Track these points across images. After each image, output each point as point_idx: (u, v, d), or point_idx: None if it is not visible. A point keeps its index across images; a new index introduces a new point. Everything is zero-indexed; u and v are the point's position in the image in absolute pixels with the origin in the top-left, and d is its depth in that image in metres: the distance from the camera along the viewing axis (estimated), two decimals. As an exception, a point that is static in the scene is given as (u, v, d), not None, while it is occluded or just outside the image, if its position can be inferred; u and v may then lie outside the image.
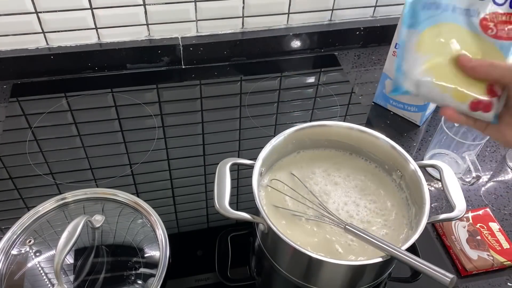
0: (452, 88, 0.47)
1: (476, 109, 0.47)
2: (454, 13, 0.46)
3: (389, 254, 0.54)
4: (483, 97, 0.47)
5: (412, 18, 0.47)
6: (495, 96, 0.47)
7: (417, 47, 0.47)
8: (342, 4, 1.04)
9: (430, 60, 0.47)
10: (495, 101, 0.47)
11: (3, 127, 0.87)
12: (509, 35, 0.45)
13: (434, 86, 0.48)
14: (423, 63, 0.47)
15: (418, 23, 0.47)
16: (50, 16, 0.90)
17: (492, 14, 0.44)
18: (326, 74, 1.04)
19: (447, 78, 0.47)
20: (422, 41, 0.47)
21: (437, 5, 0.46)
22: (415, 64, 0.48)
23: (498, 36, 0.45)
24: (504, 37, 0.45)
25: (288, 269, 0.62)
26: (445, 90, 0.47)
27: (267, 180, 0.69)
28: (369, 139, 0.70)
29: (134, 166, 0.81)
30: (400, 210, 0.66)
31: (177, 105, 0.95)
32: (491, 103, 0.47)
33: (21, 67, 0.95)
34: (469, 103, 0.47)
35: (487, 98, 0.47)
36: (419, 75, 0.48)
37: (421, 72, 0.48)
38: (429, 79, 0.47)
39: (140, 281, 0.60)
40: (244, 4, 0.98)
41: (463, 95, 0.47)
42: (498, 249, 0.69)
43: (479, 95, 0.47)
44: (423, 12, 0.47)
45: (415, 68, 0.48)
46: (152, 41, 0.99)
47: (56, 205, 0.68)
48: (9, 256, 0.62)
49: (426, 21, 0.47)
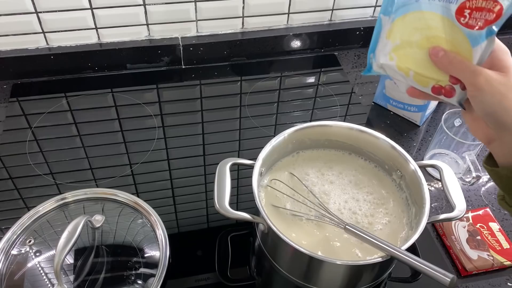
0: (414, 73, 0.49)
1: (438, 94, 0.49)
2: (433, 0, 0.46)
3: (389, 254, 0.54)
4: (445, 84, 0.48)
5: (388, 5, 0.49)
6: (458, 83, 0.48)
7: (388, 34, 0.50)
8: (342, 4, 1.04)
9: (396, 46, 0.50)
10: (457, 88, 0.48)
11: (3, 127, 0.87)
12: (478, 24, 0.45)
13: (397, 70, 0.50)
14: (390, 49, 0.50)
15: (393, 11, 0.49)
16: (50, 16, 0.90)
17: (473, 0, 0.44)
18: (326, 74, 1.04)
19: (409, 63, 0.49)
20: (393, 29, 0.49)
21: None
22: (383, 49, 0.51)
23: (469, 25, 0.45)
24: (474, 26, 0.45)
25: (288, 269, 0.62)
26: (408, 74, 0.50)
27: (267, 180, 0.69)
28: (369, 139, 0.70)
29: (134, 166, 0.81)
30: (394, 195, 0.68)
31: (177, 105, 0.95)
32: (453, 90, 0.48)
33: (21, 67, 0.95)
34: (431, 88, 0.49)
35: (449, 84, 0.48)
36: (384, 59, 0.51)
37: (386, 56, 0.51)
38: (392, 63, 0.50)
39: (140, 281, 0.60)
40: (244, 4, 0.98)
41: (424, 80, 0.49)
42: (498, 249, 0.69)
43: (441, 81, 0.48)
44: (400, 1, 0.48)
45: (382, 52, 0.51)
46: (152, 41, 0.99)
47: (56, 205, 0.68)
48: (9, 256, 0.62)
49: (401, 9, 0.48)
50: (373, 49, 0.52)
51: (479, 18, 0.44)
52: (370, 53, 0.52)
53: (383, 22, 0.50)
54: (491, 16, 0.44)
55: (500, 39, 0.48)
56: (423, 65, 0.49)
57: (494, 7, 0.43)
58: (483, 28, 0.45)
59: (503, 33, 1.13)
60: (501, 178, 0.47)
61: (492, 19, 0.44)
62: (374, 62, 0.52)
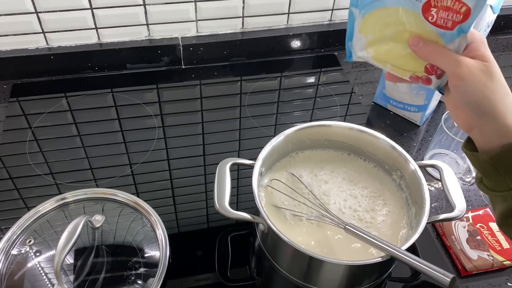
0: (390, 65, 0.51)
1: (416, 82, 0.50)
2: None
3: (389, 254, 0.54)
4: (420, 74, 0.49)
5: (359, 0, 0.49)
6: (433, 74, 0.48)
7: (360, 28, 0.50)
8: (342, 4, 1.04)
9: (370, 41, 0.50)
10: (433, 78, 0.49)
11: (3, 127, 0.87)
12: (446, 24, 0.44)
13: (374, 61, 0.52)
14: (364, 43, 0.51)
15: (363, 6, 0.49)
16: (50, 16, 0.90)
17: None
18: (326, 74, 1.04)
19: (385, 56, 0.51)
20: (364, 24, 0.50)
21: None
22: (358, 42, 0.52)
23: (437, 24, 0.45)
24: (442, 25, 0.45)
25: (288, 269, 0.62)
26: (385, 66, 0.51)
27: (267, 180, 0.69)
28: (369, 139, 0.70)
29: (134, 166, 0.81)
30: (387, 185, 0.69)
31: (177, 105, 0.95)
32: (429, 80, 0.49)
33: (21, 67, 0.95)
34: (408, 77, 0.51)
35: (425, 75, 0.49)
36: (361, 52, 0.52)
37: (363, 50, 0.52)
38: (369, 56, 0.52)
39: (140, 281, 0.60)
40: (244, 4, 0.98)
41: (401, 71, 0.51)
42: (498, 249, 0.69)
43: (417, 72, 0.49)
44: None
45: (357, 46, 0.52)
46: (152, 41, 0.99)
47: (56, 205, 0.68)
48: (9, 256, 0.62)
49: (371, 4, 0.48)
50: (350, 38, 0.52)
51: (446, 18, 0.44)
52: (348, 42, 0.53)
53: (354, 14, 0.50)
54: (458, 17, 0.44)
55: (500, 39, 0.48)
56: (398, 58, 0.50)
57: (461, 8, 0.43)
58: (452, 28, 0.45)
59: (503, 33, 1.13)
60: (480, 162, 0.47)
61: (460, 20, 0.44)
62: (352, 51, 0.53)
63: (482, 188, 0.49)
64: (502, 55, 1.11)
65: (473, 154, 0.48)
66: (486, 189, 0.49)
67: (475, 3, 0.42)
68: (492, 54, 0.47)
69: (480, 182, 0.50)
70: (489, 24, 0.86)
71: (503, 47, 1.13)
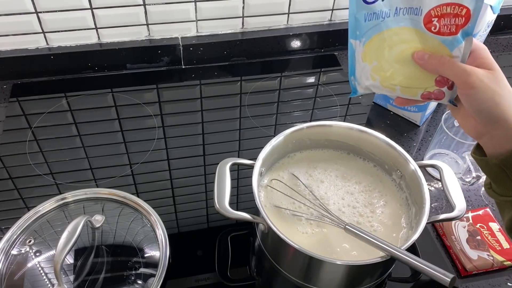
0: (400, 87, 0.50)
1: (429, 99, 0.50)
2: (397, 16, 0.46)
3: (389, 254, 0.54)
4: (432, 89, 0.49)
5: (356, 29, 0.49)
6: (445, 86, 0.48)
7: (363, 57, 0.50)
8: (342, 4, 1.04)
9: (375, 67, 0.50)
10: (445, 90, 0.49)
11: (3, 127, 0.87)
12: (450, 30, 0.45)
13: (382, 88, 0.51)
14: (369, 70, 0.50)
15: (362, 35, 0.49)
16: (50, 16, 0.90)
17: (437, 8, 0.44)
18: (326, 74, 1.04)
19: (393, 80, 0.50)
20: (366, 52, 0.49)
21: (378, 14, 0.47)
22: (363, 72, 0.51)
23: (441, 33, 0.45)
24: (446, 33, 0.45)
25: (288, 269, 0.62)
26: (394, 89, 0.50)
27: (267, 180, 0.69)
28: (369, 139, 0.70)
29: (134, 166, 0.81)
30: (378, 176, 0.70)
31: (177, 105, 0.95)
32: (442, 93, 0.49)
33: (21, 67, 0.95)
34: (420, 96, 0.50)
35: (437, 89, 0.49)
36: (367, 81, 0.51)
37: (369, 78, 0.51)
38: (376, 83, 0.50)
39: (140, 281, 0.60)
40: (244, 4, 0.98)
41: (412, 90, 0.50)
42: (498, 249, 0.69)
43: (428, 87, 0.49)
44: (366, 24, 0.48)
45: (363, 75, 0.51)
46: (152, 41, 0.99)
47: (56, 205, 0.68)
48: (9, 256, 0.62)
49: (370, 31, 0.48)
50: (352, 72, 0.52)
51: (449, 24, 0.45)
52: (351, 76, 0.52)
53: (354, 46, 0.50)
54: (460, 20, 0.44)
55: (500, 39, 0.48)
56: (407, 79, 0.49)
57: (461, 11, 0.44)
58: (456, 33, 0.45)
59: (503, 33, 1.13)
60: (490, 167, 0.48)
61: (463, 22, 0.44)
62: (357, 84, 0.52)
63: (491, 194, 0.50)
64: (502, 55, 1.11)
65: (483, 159, 0.48)
66: (495, 195, 0.49)
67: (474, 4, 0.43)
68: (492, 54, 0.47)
69: (489, 187, 0.50)
70: (489, 24, 0.86)
71: (503, 47, 1.13)
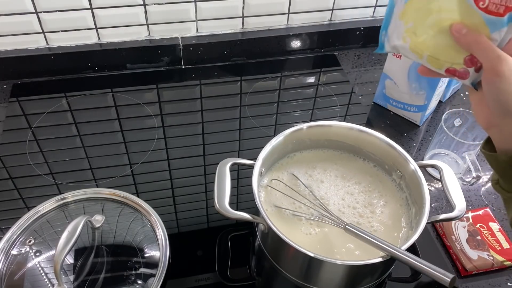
0: (427, 56, 0.49)
1: (453, 75, 0.48)
2: None
3: (389, 254, 0.54)
4: (459, 66, 0.47)
5: None
6: (473, 66, 0.47)
7: (401, 15, 0.48)
8: (342, 4, 1.04)
9: (410, 29, 0.48)
10: (472, 71, 0.47)
11: (3, 127, 0.87)
12: (498, 10, 0.43)
13: (410, 52, 0.49)
14: (403, 30, 0.49)
15: None
16: (50, 16, 0.90)
17: None
18: (326, 74, 1.04)
19: (424, 46, 0.48)
20: (406, 10, 0.48)
21: None
22: (396, 30, 0.49)
23: (488, 10, 0.43)
24: (494, 11, 0.43)
25: (288, 269, 0.62)
26: (421, 56, 0.49)
27: (267, 180, 0.69)
28: (369, 139, 0.70)
29: (134, 166, 0.81)
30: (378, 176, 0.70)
31: (177, 105, 0.95)
32: (467, 73, 0.47)
33: (21, 67, 0.95)
34: (444, 70, 0.49)
35: (463, 67, 0.47)
36: (397, 41, 0.50)
37: (399, 38, 0.49)
38: (406, 45, 0.49)
39: (140, 281, 0.60)
40: (244, 4, 0.98)
41: (439, 62, 0.48)
42: (498, 249, 0.69)
43: (455, 64, 0.48)
44: None
45: (395, 33, 0.49)
46: (152, 41, 0.99)
47: (56, 205, 0.68)
48: (9, 256, 0.62)
49: None
50: (385, 27, 0.50)
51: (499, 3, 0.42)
52: (383, 31, 0.50)
53: (395, 1, 0.48)
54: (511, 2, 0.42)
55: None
56: (437, 49, 0.48)
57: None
58: (504, 15, 0.43)
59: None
60: (498, 162, 0.47)
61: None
62: (386, 41, 0.51)
63: (498, 190, 0.49)
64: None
65: (492, 154, 0.48)
66: (502, 191, 0.49)
67: None
68: None
69: (496, 183, 0.50)
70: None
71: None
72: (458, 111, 0.80)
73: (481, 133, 0.79)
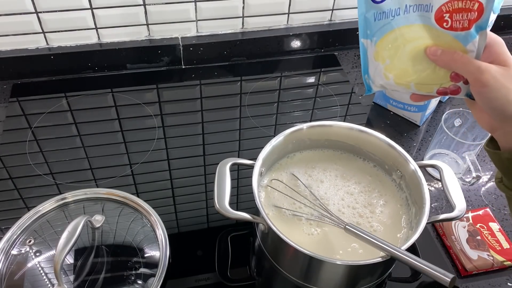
0: (414, 84, 0.50)
1: (445, 94, 0.49)
2: (407, 14, 0.46)
3: (389, 254, 0.54)
4: (448, 84, 0.48)
5: (366, 29, 0.48)
6: (460, 81, 0.48)
7: (375, 56, 0.50)
8: (342, 4, 1.04)
9: (388, 66, 0.50)
10: (461, 85, 0.48)
11: (3, 127, 0.87)
12: (463, 25, 0.44)
13: (397, 86, 0.51)
14: (382, 69, 0.50)
15: (372, 34, 0.48)
16: (50, 16, 0.90)
17: (448, 3, 0.44)
18: (326, 74, 1.04)
19: (407, 76, 0.49)
20: (378, 51, 0.49)
21: (387, 12, 0.47)
22: (376, 70, 0.51)
23: (454, 28, 0.45)
24: (459, 28, 0.44)
25: (288, 269, 0.62)
26: (408, 87, 0.50)
27: (267, 180, 0.69)
28: (369, 139, 0.70)
29: (134, 166, 0.81)
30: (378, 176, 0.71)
31: (177, 105, 0.95)
32: (458, 87, 0.48)
33: (21, 67, 0.95)
34: (435, 91, 0.50)
35: (452, 84, 0.48)
36: (381, 80, 0.51)
37: (382, 77, 0.51)
38: (390, 81, 0.50)
39: (140, 281, 0.60)
40: (244, 4, 0.98)
41: (427, 87, 0.50)
42: (498, 249, 0.69)
43: (443, 83, 0.48)
44: (376, 23, 0.48)
45: (376, 74, 0.51)
46: (152, 41, 0.99)
47: (56, 205, 0.68)
48: (9, 256, 0.62)
49: (380, 30, 0.48)
50: (365, 71, 0.52)
51: (461, 19, 0.44)
52: (365, 75, 0.52)
53: (365, 45, 0.50)
54: (473, 15, 0.43)
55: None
56: (421, 76, 0.49)
57: (473, 5, 0.43)
58: (469, 28, 0.44)
59: (503, 33, 1.13)
60: (502, 160, 0.48)
61: (475, 17, 0.44)
62: (371, 83, 0.53)
63: (501, 188, 0.50)
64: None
65: (496, 152, 0.48)
66: (506, 189, 0.49)
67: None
68: None
69: (500, 181, 0.50)
70: (489, 24, 0.86)
71: (503, 47, 1.13)
72: (458, 111, 0.80)
73: (481, 133, 0.79)
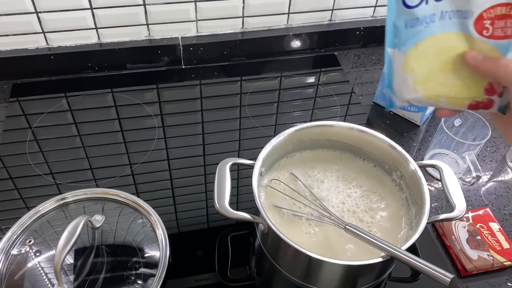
0: (446, 99, 0.46)
1: (476, 109, 0.46)
2: (443, 21, 0.43)
3: (389, 254, 0.54)
4: (481, 98, 0.45)
5: (395, 38, 0.44)
6: (495, 94, 0.45)
7: (403, 68, 0.45)
8: (342, 4, 1.04)
9: (417, 78, 0.46)
10: (495, 98, 0.45)
11: (3, 127, 0.87)
12: (506, 33, 0.41)
13: (427, 100, 0.47)
14: (412, 82, 0.46)
15: (402, 43, 0.44)
16: (50, 16, 0.90)
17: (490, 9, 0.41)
18: (326, 74, 1.04)
19: (438, 90, 0.46)
20: (408, 62, 0.45)
21: (421, 19, 0.43)
22: (403, 84, 0.46)
23: (494, 36, 0.42)
24: (501, 36, 0.42)
25: (288, 269, 0.62)
26: (439, 101, 0.47)
27: (267, 180, 0.69)
28: (369, 139, 0.70)
29: (134, 166, 0.81)
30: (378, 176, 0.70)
31: (177, 105, 0.95)
32: (492, 101, 0.45)
33: (21, 67, 0.95)
34: (466, 106, 0.46)
35: (486, 97, 0.45)
36: (408, 94, 0.47)
37: (410, 91, 0.46)
38: (419, 95, 0.46)
39: (140, 281, 0.60)
40: (244, 4, 0.98)
41: (459, 101, 0.46)
42: (498, 249, 0.69)
43: (476, 97, 0.45)
44: (407, 31, 0.44)
45: (403, 88, 0.47)
46: (152, 41, 0.99)
47: (56, 205, 0.68)
48: (9, 256, 0.62)
49: (411, 40, 0.44)
50: (389, 84, 0.47)
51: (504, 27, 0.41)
52: (388, 88, 0.47)
53: (392, 55, 0.45)
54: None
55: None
56: (453, 89, 0.45)
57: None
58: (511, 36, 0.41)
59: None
60: None
61: None
62: (394, 97, 0.48)
63: None
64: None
65: None
66: None
67: None
68: None
69: None
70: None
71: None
72: (458, 111, 0.79)
73: (481, 133, 0.79)
